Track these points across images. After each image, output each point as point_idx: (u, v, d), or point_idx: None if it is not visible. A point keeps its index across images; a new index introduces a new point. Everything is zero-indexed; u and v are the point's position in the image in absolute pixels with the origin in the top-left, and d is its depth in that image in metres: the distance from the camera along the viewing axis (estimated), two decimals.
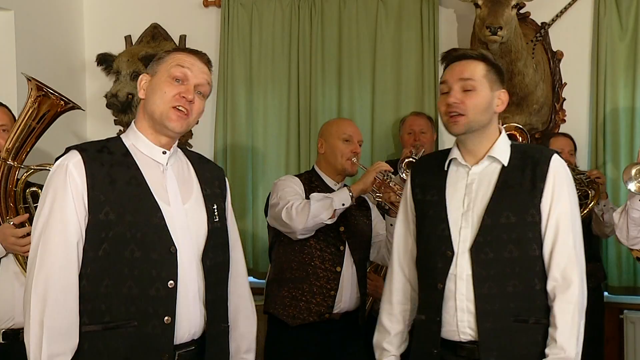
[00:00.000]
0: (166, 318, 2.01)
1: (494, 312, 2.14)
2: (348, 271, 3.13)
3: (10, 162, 2.67)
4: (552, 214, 2.18)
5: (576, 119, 4.26)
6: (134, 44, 4.63)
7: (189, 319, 2.06)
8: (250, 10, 4.51)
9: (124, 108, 4.32)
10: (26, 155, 2.73)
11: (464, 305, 2.17)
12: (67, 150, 2.08)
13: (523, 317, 2.15)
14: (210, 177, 2.25)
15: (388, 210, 3.09)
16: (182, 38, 4.59)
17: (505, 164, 2.23)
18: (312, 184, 3.24)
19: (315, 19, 4.45)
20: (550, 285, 2.16)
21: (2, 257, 2.73)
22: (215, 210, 2.19)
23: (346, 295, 3.12)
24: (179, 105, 2.07)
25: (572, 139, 4.01)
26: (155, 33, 4.64)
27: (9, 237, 2.67)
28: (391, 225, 3.07)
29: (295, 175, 3.31)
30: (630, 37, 4.14)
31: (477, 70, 2.21)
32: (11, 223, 2.69)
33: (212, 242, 2.14)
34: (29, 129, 2.66)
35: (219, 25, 4.55)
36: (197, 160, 2.27)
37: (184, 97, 2.07)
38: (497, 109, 2.26)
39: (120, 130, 4.64)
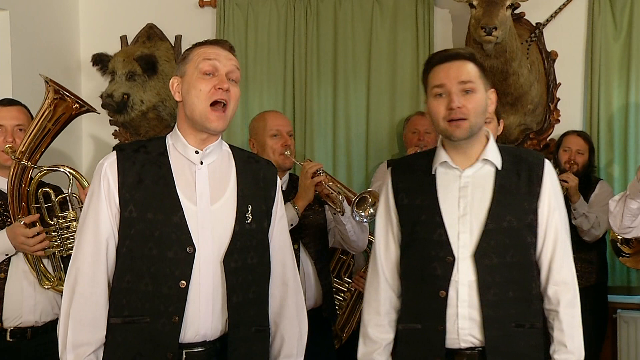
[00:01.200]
0: (175, 317, 2.03)
1: (498, 319, 2.11)
2: (307, 268, 3.09)
3: (24, 162, 2.70)
4: (551, 219, 2.18)
5: (570, 119, 4.27)
6: (129, 44, 4.62)
7: (197, 320, 2.06)
8: (246, 11, 4.51)
9: (119, 108, 4.31)
10: (40, 156, 2.76)
11: (466, 312, 2.12)
12: (113, 149, 2.18)
13: (521, 322, 2.14)
14: (254, 177, 2.22)
15: (325, 202, 3.07)
16: (178, 38, 4.59)
17: (499, 167, 2.20)
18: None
19: (310, 19, 4.45)
20: (551, 290, 2.17)
21: (12, 256, 2.76)
22: (250, 212, 2.16)
23: (310, 292, 3.08)
24: (218, 99, 2.08)
25: (585, 137, 3.99)
26: (151, 33, 4.63)
27: (19, 237, 2.70)
28: (334, 214, 3.08)
29: None
30: (625, 38, 4.16)
31: (472, 71, 2.15)
32: (22, 222, 2.72)
33: (239, 244, 2.12)
34: (44, 130, 2.70)
35: (215, 26, 4.55)
36: (244, 160, 2.25)
37: (220, 88, 2.08)
38: (489, 109, 2.22)
39: (115, 130, 4.65)
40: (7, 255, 2.74)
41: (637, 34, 4.13)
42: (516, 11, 4.18)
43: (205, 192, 2.13)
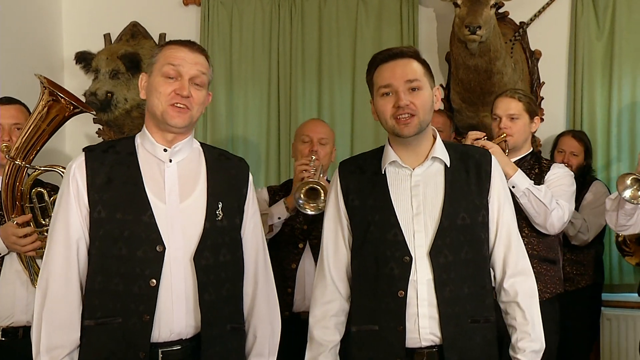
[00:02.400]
0: (145, 316, 2.02)
1: (455, 315, 2.12)
2: (309, 267, 3.10)
3: (18, 161, 2.69)
4: (502, 214, 2.21)
5: (554, 117, 4.30)
6: (113, 42, 4.60)
7: (170, 319, 2.06)
8: (230, 9, 4.50)
9: (103, 106, 4.29)
10: (35, 155, 2.75)
11: (426, 310, 2.11)
12: (83, 150, 2.17)
13: (476, 317, 2.15)
14: (225, 175, 2.22)
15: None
16: (162, 36, 4.57)
17: (448, 164, 2.20)
18: (289, 188, 3.24)
19: (295, 17, 4.45)
20: (508, 283, 2.19)
21: (4, 255, 2.75)
22: (220, 209, 2.15)
23: (309, 292, 3.06)
24: (177, 103, 2.08)
25: (580, 139, 3.96)
26: (135, 31, 4.62)
27: (10, 237, 2.69)
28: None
29: (273, 185, 3.36)
30: (607, 37, 4.19)
31: (418, 69, 2.16)
32: (14, 222, 2.71)
33: (210, 241, 2.12)
34: (39, 130, 2.70)
35: (199, 24, 4.54)
36: (215, 157, 2.25)
37: (178, 94, 2.08)
38: (435, 106, 2.22)
39: (99, 128, 4.62)
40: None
41: (619, 33, 4.16)
42: (500, 10, 4.20)
43: (175, 189, 2.12)
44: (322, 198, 2.92)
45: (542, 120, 4.30)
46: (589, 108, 4.18)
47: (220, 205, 2.15)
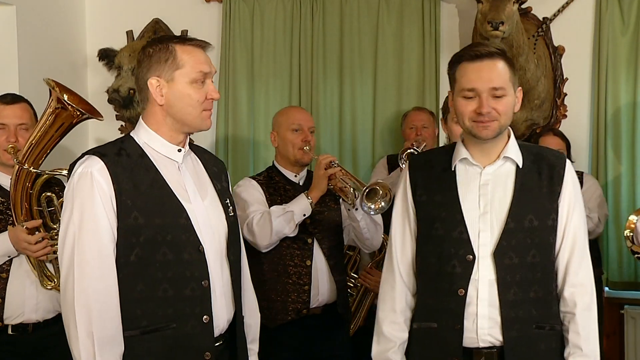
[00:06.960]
0: (205, 317, 2.04)
1: (518, 319, 2.09)
2: (320, 263, 3.10)
3: (26, 166, 2.68)
4: (570, 220, 2.15)
5: (577, 114, 4.26)
6: (135, 39, 4.63)
7: (220, 316, 2.10)
8: (252, 5, 4.51)
9: (125, 103, 4.32)
10: (44, 159, 2.74)
11: (486, 311, 2.09)
12: (83, 155, 2.06)
13: (542, 323, 2.12)
14: (218, 171, 2.27)
15: (340, 197, 3.09)
16: (184, 33, 4.58)
17: (520, 165, 2.17)
18: (273, 180, 3.20)
19: (316, 14, 4.45)
20: (568, 292, 2.14)
21: (14, 257, 2.76)
22: (229, 204, 2.20)
23: (323, 288, 3.09)
24: (210, 108, 2.10)
25: (563, 137, 3.95)
26: (157, 28, 4.64)
27: (22, 242, 2.69)
28: (348, 210, 3.07)
29: (255, 176, 3.26)
30: (632, 32, 4.14)
31: (503, 74, 2.09)
32: (24, 227, 2.70)
33: (232, 237, 2.17)
34: (46, 135, 2.69)
35: (221, 20, 4.55)
36: (202, 155, 2.27)
37: (210, 98, 2.09)
38: (516, 108, 2.17)
39: (121, 125, 4.65)
40: (9, 257, 2.74)
41: None
42: (523, 6, 4.16)
43: (195, 189, 2.13)
44: (381, 193, 2.91)
45: (565, 116, 4.28)
46: (613, 104, 4.14)
47: (227, 201, 2.21)
